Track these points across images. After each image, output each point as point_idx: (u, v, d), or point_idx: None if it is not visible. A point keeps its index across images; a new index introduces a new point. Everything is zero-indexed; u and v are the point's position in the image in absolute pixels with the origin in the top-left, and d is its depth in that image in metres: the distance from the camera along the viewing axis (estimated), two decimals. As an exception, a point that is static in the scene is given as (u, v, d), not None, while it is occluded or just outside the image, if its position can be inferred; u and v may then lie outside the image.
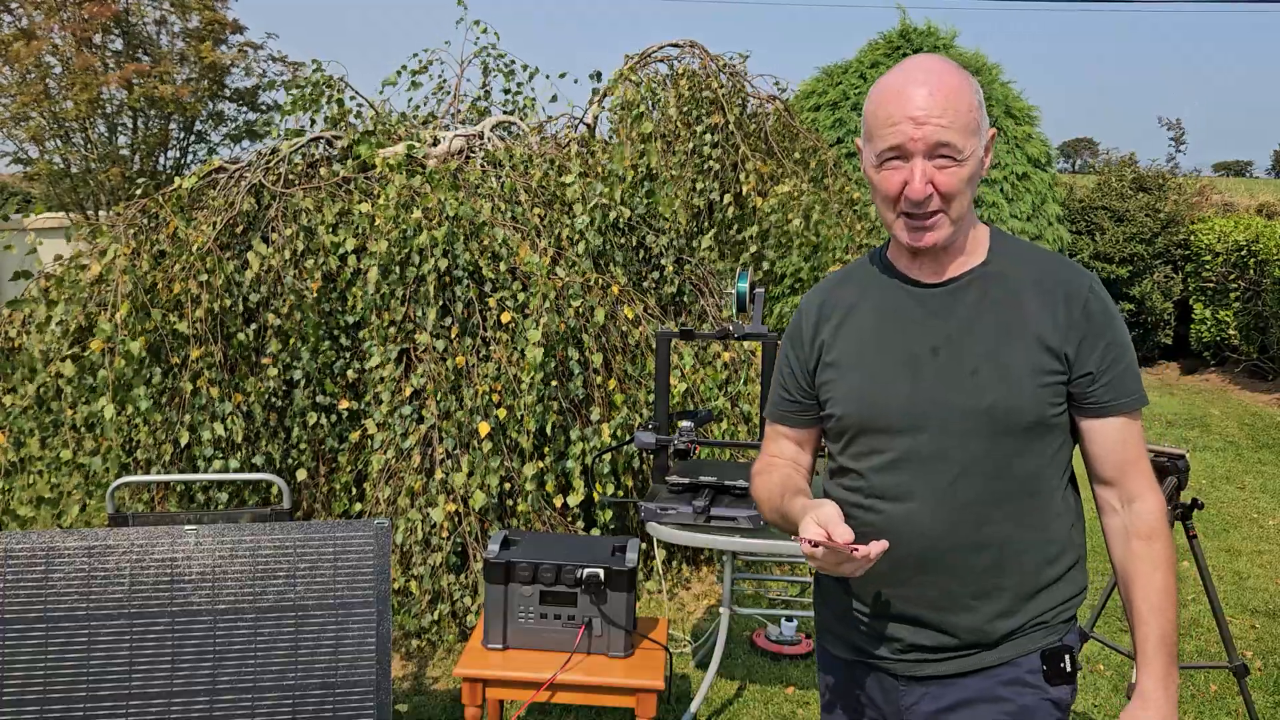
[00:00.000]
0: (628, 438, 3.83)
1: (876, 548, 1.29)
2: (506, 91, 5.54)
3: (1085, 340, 1.38)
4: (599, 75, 5.41)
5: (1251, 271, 8.87)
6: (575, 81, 10.15)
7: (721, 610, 3.24)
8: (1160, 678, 1.39)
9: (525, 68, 5.52)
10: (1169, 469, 2.73)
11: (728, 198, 4.92)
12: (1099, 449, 1.43)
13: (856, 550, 1.28)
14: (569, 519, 3.93)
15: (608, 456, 3.88)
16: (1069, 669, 1.44)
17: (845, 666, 1.55)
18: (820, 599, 1.61)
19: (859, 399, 1.46)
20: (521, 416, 3.65)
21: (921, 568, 1.41)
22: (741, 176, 4.91)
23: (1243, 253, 8.97)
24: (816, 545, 1.30)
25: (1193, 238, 9.75)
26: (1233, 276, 9.14)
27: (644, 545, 4.17)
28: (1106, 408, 1.41)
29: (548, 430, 3.71)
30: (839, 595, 1.54)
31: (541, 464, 3.72)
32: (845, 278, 1.57)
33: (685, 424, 2.90)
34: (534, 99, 5.49)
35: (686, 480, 2.83)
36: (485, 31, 5.45)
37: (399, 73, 5.38)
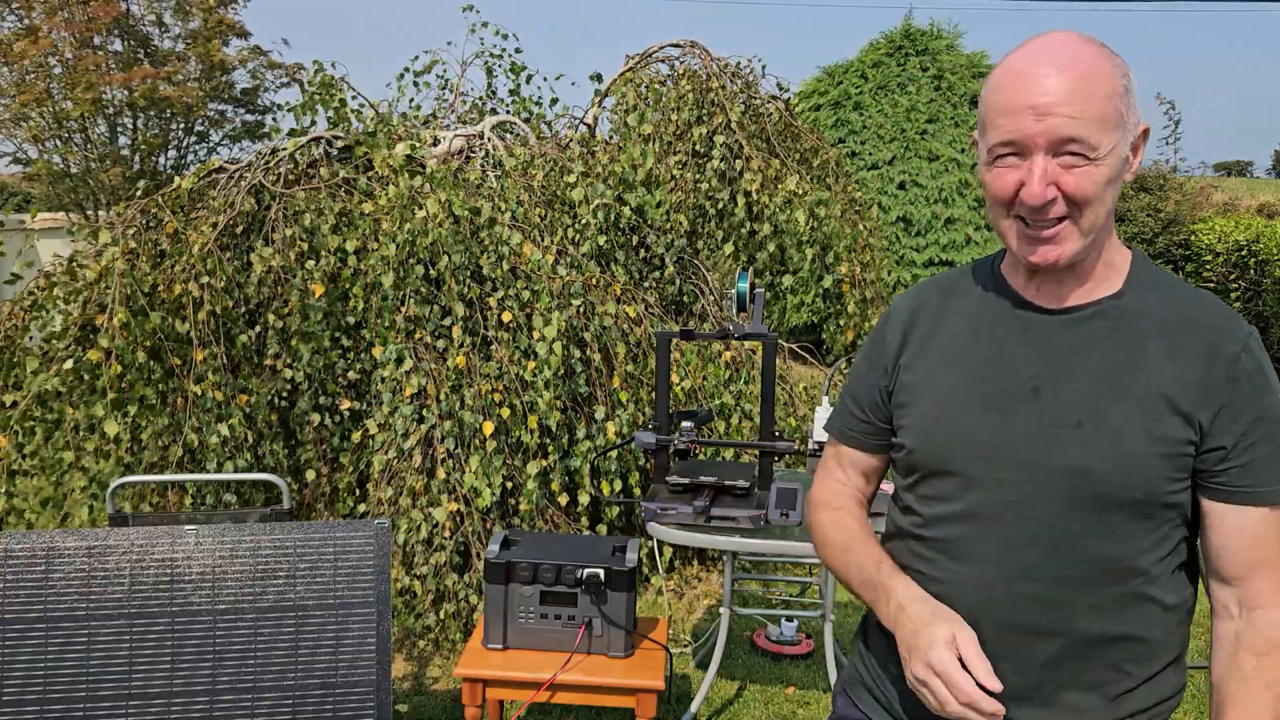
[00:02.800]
0: (629, 436, 3.83)
1: (1000, 710, 1.08)
2: (513, 92, 5.55)
3: (1225, 409, 1.12)
4: (599, 76, 5.41)
5: (1252, 271, 8.87)
6: (574, 84, 10.20)
7: (721, 610, 3.23)
8: None
9: (524, 69, 5.53)
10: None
11: (741, 199, 4.92)
12: (1224, 540, 1.16)
13: (996, 711, 1.08)
14: (574, 518, 3.93)
15: (614, 454, 3.88)
16: None
17: None
18: (860, 645, 1.41)
19: (935, 436, 1.23)
20: (525, 415, 3.65)
21: (996, 648, 1.18)
22: (746, 176, 4.91)
23: (1243, 253, 8.97)
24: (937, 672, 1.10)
25: (1193, 238, 9.75)
26: (1233, 276, 9.14)
27: (648, 544, 4.17)
28: (1240, 494, 1.14)
29: (553, 428, 3.71)
30: (882, 650, 1.33)
31: (545, 462, 3.72)
32: (947, 284, 1.32)
33: (686, 424, 2.90)
34: (539, 99, 5.50)
35: (687, 480, 2.83)
36: (498, 34, 5.47)
37: (402, 75, 5.39)
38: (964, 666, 1.11)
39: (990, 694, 1.10)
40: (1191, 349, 1.14)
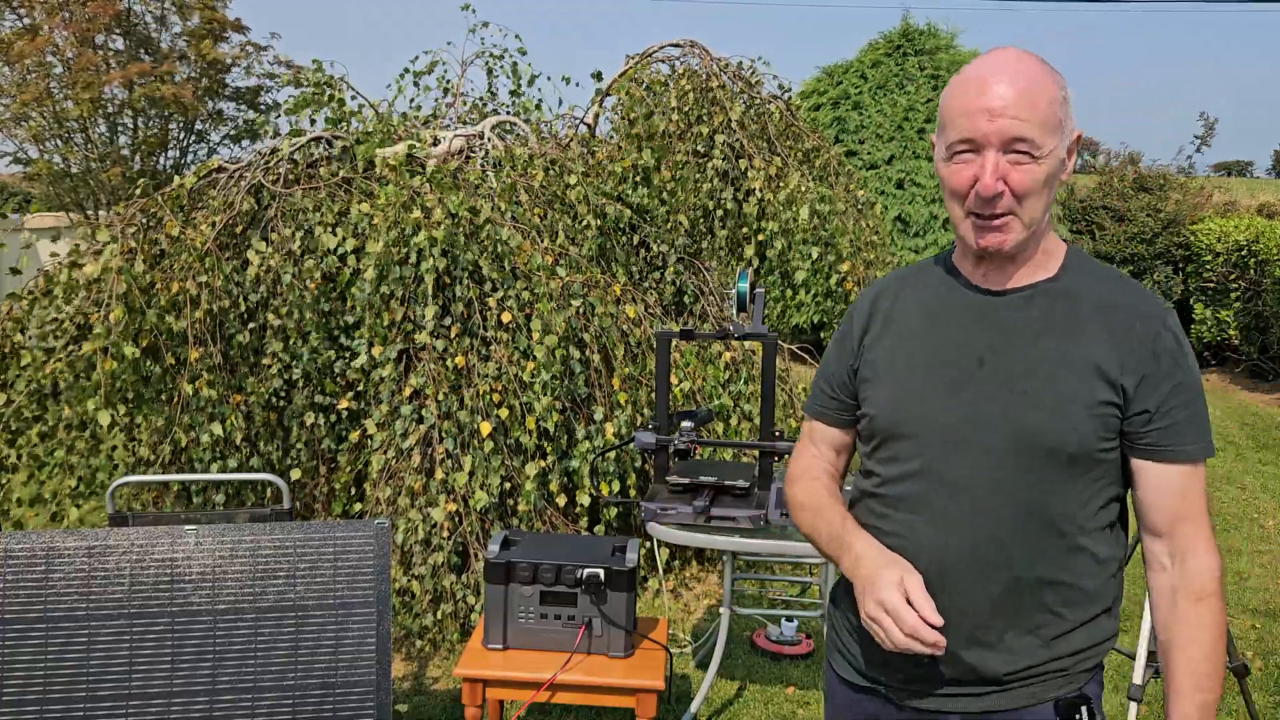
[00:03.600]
0: (629, 437, 3.83)
1: (942, 641, 1.22)
2: (513, 93, 5.54)
3: (1147, 377, 1.27)
4: (600, 75, 5.41)
5: (1252, 271, 8.87)
6: (576, 85, 10.20)
7: (721, 610, 3.23)
8: None
9: (529, 69, 5.53)
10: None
11: (752, 199, 4.91)
12: (1152, 496, 1.31)
13: (937, 641, 1.22)
14: (573, 518, 3.93)
15: (613, 455, 3.88)
16: None
17: (851, 690, 1.48)
18: (834, 613, 1.55)
19: (892, 403, 1.38)
20: (524, 416, 3.65)
21: (929, 590, 1.29)
22: (750, 174, 4.90)
23: (1243, 253, 8.97)
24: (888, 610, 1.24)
25: (1193, 238, 9.75)
26: (1233, 276, 9.14)
27: (646, 545, 4.17)
28: (1164, 452, 1.28)
29: (551, 429, 3.71)
30: (847, 608, 1.47)
31: (543, 463, 3.72)
32: (905, 275, 1.48)
33: (686, 424, 2.90)
34: (541, 99, 5.50)
35: (687, 480, 2.83)
36: (501, 33, 5.47)
37: (403, 75, 5.38)
38: (912, 606, 1.24)
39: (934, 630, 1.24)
40: (1118, 326, 1.29)
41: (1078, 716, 1.31)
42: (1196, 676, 1.28)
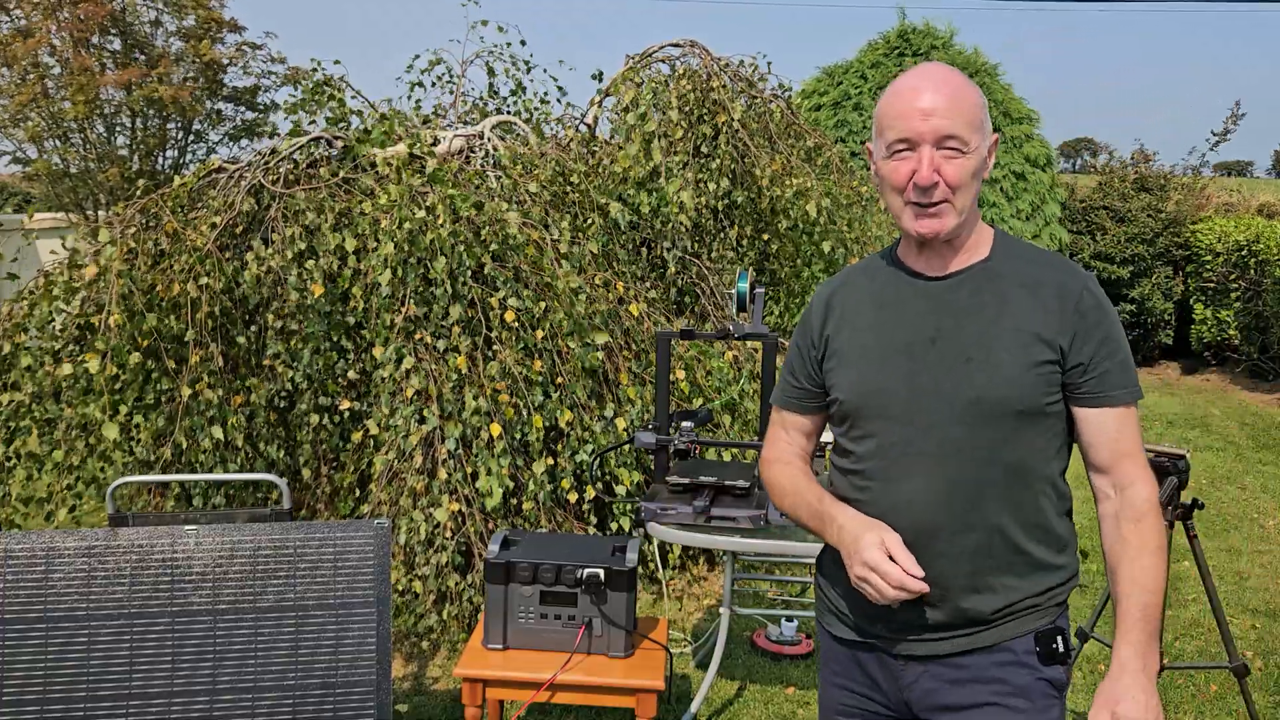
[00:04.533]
0: (630, 436, 3.83)
1: (926, 588, 1.39)
2: (514, 92, 5.54)
3: (1078, 335, 1.44)
4: (600, 75, 5.41)
5: (1252, 271, 8.87)
6: (572, 69, 10.15)
7: (721, 610, 3.23)
8: (1138, 647, 1.43)
9: (527, 62, 5.52)
10: (1169, 469, 2.73)
11: (765, 195, 4.90)
12: (1094, 437, 1.48)
13: (921, 588, 1.38)
14: (579, 515, 3.93)
15: (628, 448, 3.88)
16: (1062, 649, 1.49)
17: (846, 646, 1.61)
18: (823, 580, 1.67)
19: (859, 385, 1.52)
20: (530, 415, 3.65)
21: (915, 548, 1.45)
22: (757, 172, 4.91)
23: (1243, 253, 8.97)
24: (873, 569, 1.39)
25: (1193, 238, 9.75)
26: (1233, 277, 9.14)
27: (649, 544, 4.17)
28: (1100, 398, 1.46)
29: (562, 426, 3.71)
30: (841, 575, 1.58)
31: (550, 461, 3.72)
32: (854, 272, 1.64)
33: (686, 424, 2.90)
34: (545, 98, 5.50)
35: (687, 480, 2.83)
36: (501, 31, 5.47)
37: (408, 70, 5.39)
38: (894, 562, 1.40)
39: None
40: (1046, 294, 1.47)
41: (1054, 645, 1.49)
42: (1137, 579, 1.44)
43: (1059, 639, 1.50)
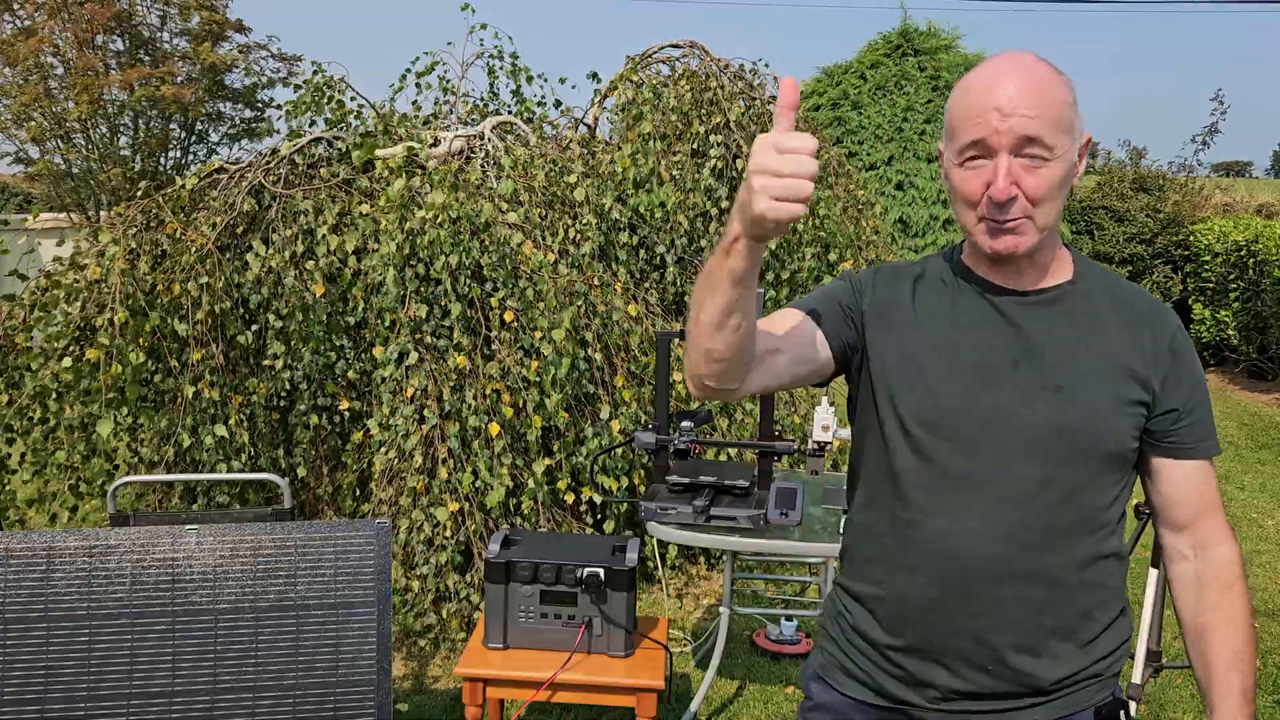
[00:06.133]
0: (630, 436, 3.83)
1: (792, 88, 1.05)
2: (514, 93, 5.54)
3: (1170, 377, 1.30)
4: (597, 76, 5.41)
5: (1251, 271, 8.87)
6: (574, 87, 10.21)
7: (721, 610, 3.24)
8: None
9: (525, 69, 5.53)
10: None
11: None
12: (1177, 492, 1.33)
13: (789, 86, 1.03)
14: (579, 517, 3.93)
15: (619, 452, 3.88)
16: None
17: (859, 710, 1.39)
18: (834, 627, 1.45)
19: (926, 400, 1.31)
20: (530, 415, 3.65)
21: (969, 596, 1.27)
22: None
23: (1242, 253, 8.97)
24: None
25: (1192, 238, 9.76)
26: (1232, 277, 9.14)
27: (649, 544, 4.17)
28: (1189, 449, 1.32)
29: (560, 426, 3.71)
30: (863, 625, 1.38)
31: (549, 461, 3.72)
32: (905, 270, 1.42)
33: (686, 424, 2.90)
34: (542, 99, 5.50)
35: (687, 480, 2.83)
36: (497, 36, 5.46)
37: (404, 75, 5.39)
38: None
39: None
40: (1137, 325, 1.31)
41: None
42: (1238, 661, 1.29)
43: (1123, 713, 1.33)
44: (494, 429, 3.54)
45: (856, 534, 1.42)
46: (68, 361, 3.48)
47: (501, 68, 5.49)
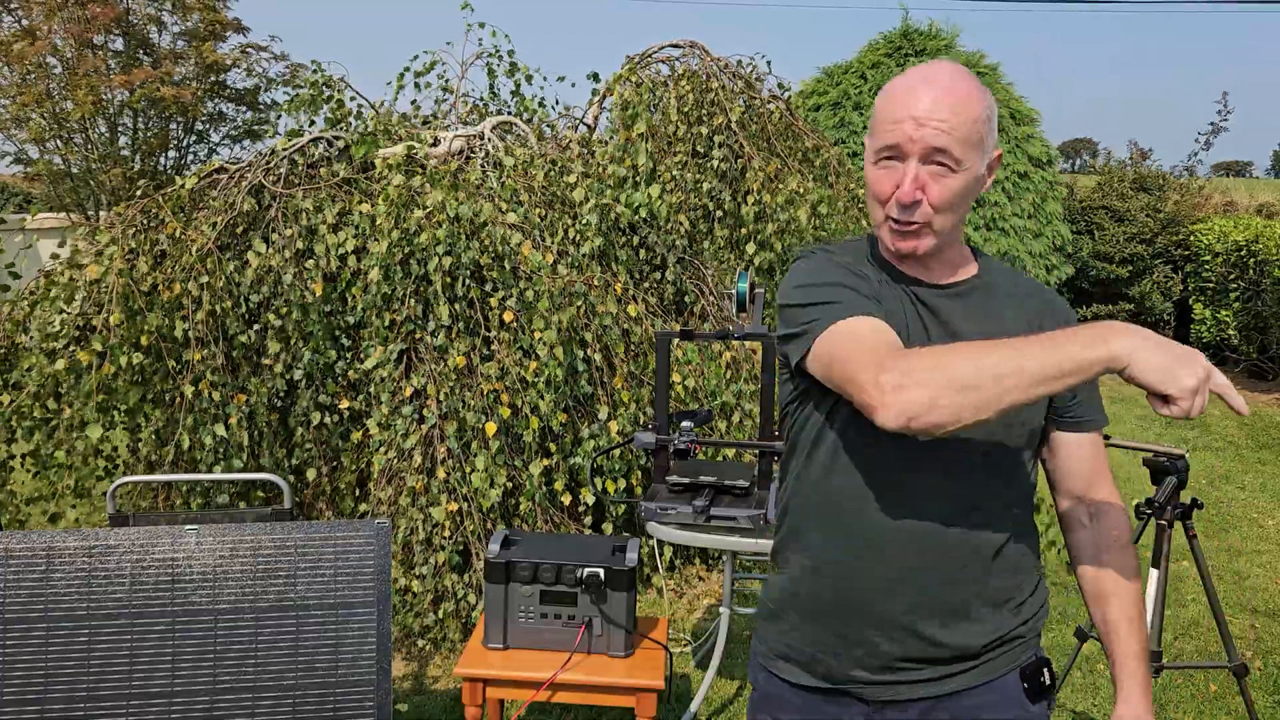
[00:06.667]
0: (629, 436, 3.83)
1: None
2: (514, 93, 5.54)
3: None
4: (596, 75, 5.41)
5: (1251, 271, 8.87)
6: (573, 85, 10.19)
7: (721, 610, 3.24)
8: (1146, 688, 1.40)
9: (525, 68, 5.53)
10: (1169, 469, 2.73)
11: (751, 199, 4.90)
12: (1074, 464, 1.45)
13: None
14: (576, 518, 3.93)
15: (618, 453, 3.88)
16: (1049, 682, 1.42)
17: (804, 695, 1.45)
18: (781, 620, 1.48)
19: None
20: (527, 416, 3.65)
21: (914, 567, 1.35)
22: (748, 175, 4.90)
23: (1242, 253, 8.97)
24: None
25: (1192, 238, 9.76)
26: (1232, 276, 9.14)
27: (648, 544, 4.17)
28: (1087, 423, 1.44)
29: (555, 428, 3.71)
30: (813, 612, 1.43)
31: (547, 462, 3.72)
32: (863, 251, 1.46)
33: (686, 424, 2.90)
34: (542, 99, 5.49)
35: (687, 480, 2.83)
36: (495, 35, 5.46)
37: (403, 73, 5.38)
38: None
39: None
40: (1036, 311, 1.42)
41: (1041, 678, 1.42)
42: (1134, 615, 1.40)
43: (1045, 671, 1.42)
44: (490, 429, 3.53)
45: (791, 506, 1.47)
46: (62, 363, 3.48)
47: (500, 67, 5.49)
